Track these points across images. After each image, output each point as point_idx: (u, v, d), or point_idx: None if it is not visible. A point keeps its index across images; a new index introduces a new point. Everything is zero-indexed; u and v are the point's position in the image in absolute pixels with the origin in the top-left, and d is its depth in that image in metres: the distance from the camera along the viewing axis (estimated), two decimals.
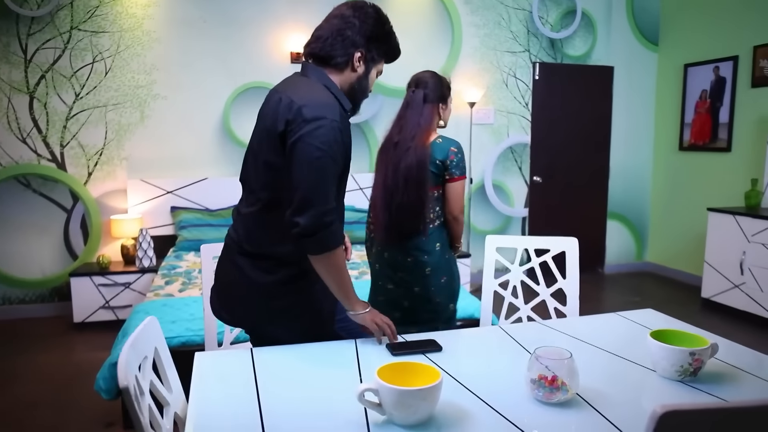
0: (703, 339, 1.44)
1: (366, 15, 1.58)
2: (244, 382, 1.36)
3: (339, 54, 1.56)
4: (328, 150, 1.45)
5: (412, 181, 2.24)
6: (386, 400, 1.14)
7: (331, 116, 1.47)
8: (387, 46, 1.63)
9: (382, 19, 1.61)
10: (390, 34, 1.63)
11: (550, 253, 2.29)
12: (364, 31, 1.57)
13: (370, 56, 1.60)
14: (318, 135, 1.44)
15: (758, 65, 4.53)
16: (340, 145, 1.49)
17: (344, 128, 1.53)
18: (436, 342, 1.60)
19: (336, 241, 1.49)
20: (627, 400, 1.30)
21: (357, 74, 1.60)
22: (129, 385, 0.91)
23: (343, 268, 1.53)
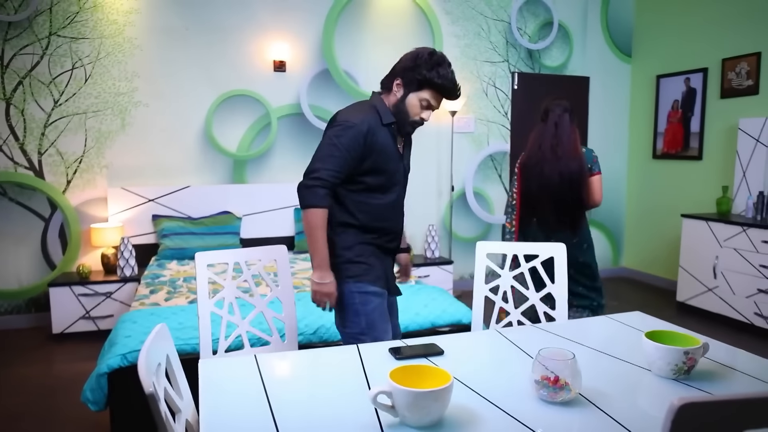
0: (694, 339, 1.50)
1: (411, 55, 1.97)
2: (253, 387, 1.37)
3: (386, 81, 2.02)
4: (340, 143, 1.88)
5: (576, 182, 3.07)
6: (399, 402, 1.16)
7: (354, 121, 1.91)
8: (420, 77, 1.92)
9: (423, 59, 1.93)
10: (418, 67, 1.93)
11: (538, 258, 2.34)
12: (402, 65, 1.97)
13: (407, 83, 1.94)
14: (337, 132, 1.90)
15: (726, 77, 4.72)
16: (360, 145, 1.90)
17: (370, 133, 1.92)
18: (438, 346, 1.63)
19: (312, 202, 1.87)
20: (627, 399, 1.35)
21: (396, 98, 1.97)
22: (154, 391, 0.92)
23: (314, 228, 1.89)
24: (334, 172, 1.88)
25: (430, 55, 1.93)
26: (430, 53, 1.94)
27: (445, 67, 1.94)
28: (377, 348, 1.65)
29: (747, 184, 4.45)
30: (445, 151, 5.15)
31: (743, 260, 4.11)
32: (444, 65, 1.94)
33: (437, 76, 1.91)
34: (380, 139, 1.94)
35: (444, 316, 2.98)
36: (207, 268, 2.08)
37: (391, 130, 1.99)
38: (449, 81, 1.93)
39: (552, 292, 2.29)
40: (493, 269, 2.37)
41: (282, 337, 2.49)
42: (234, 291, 2.15)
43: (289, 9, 4.62)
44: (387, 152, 1.97)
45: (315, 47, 4.71)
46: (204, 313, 2.06)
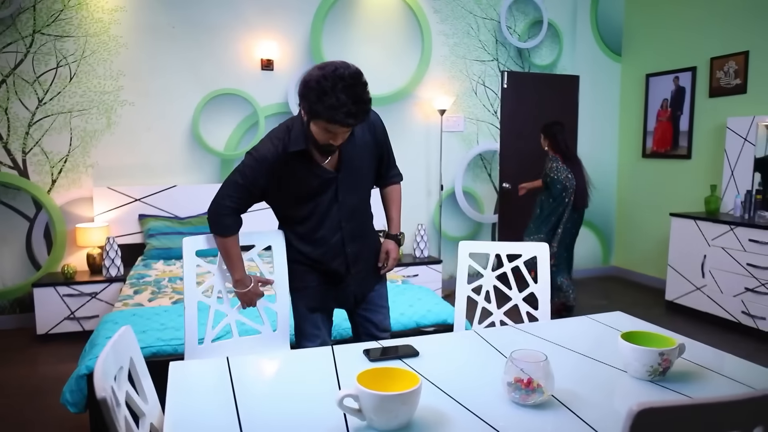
0: (671, 339, 1.49)
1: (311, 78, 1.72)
2: (222, 391, 1.35)
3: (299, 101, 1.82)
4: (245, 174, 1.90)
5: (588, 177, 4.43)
6: (366, 405, 1.15)
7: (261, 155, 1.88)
8: (313, 105, 1.70)
9: (305, 83, 1.73)
10: (304, 97, 1.73)
11: (521, 258, 2.33)
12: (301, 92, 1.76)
13: (308, 112, 1.75)
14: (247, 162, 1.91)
15: (715, 76, 4.72)
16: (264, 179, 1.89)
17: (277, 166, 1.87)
18: (413, 347, 1.62)
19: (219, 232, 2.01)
20: (600, 401, 1.34)
21: (305, 120, 1.81)
22: (106, 396, 0.90)
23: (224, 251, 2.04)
24: (237, 200, 1.94)
25: (318, 82, 1.67)
26: (318, 79, 1.68)
27: (336, 94, 1.66)
28: (352, 349, 1.63)
29: (735, 183, 4.45)
30: (434, 150, 5.14)
31: (731, 259, 4.11)
32: (335, 92, 1.65)
33: (323, 108, 1.67)
34: (290, 167, 1.87)
35: (429, 316, 2.96)
36: (195, 255, 2.06)
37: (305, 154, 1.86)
38: (339, 112, 1.66)
39: (535, 292, 2.28)
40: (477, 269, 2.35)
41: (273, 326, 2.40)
42: (224, 278, 2.12)
43: (277, 7, 4.59)
44: (301, 179, 1.89)
45: (303, 46, 4.69)
46: (191, 302, 2.02)
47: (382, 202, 2.23)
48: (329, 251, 2.02)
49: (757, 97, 4.42)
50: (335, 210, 1.97)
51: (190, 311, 2.03)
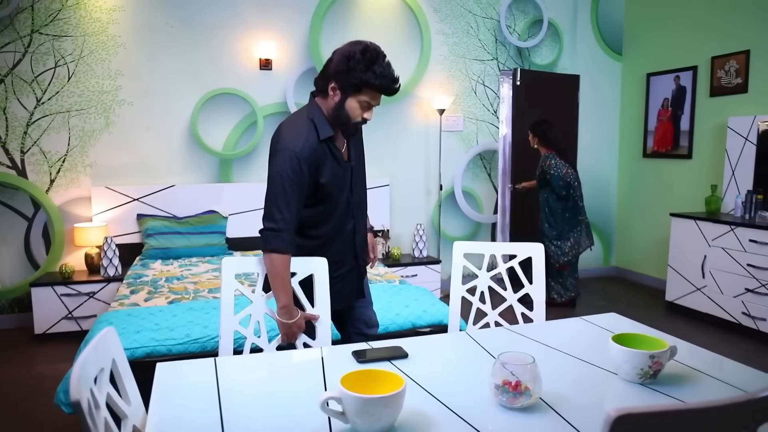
0: (662, 342, 1.47)
1: (339, 52, 1.82)
2: (207, 392, 1.34)
3: (320, 84, 1.87)
4: (288, 178, 1.80)
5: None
6: (349, 408, 1.14)
7: (294, 149, 1.80)
8: (356, 80, 1.78)
9: (349, 57, 1.78)
10: (352, 70, 1.78)
11: (516, 258, 2.31)
12: (335, 67, 1.81)
13: (343, 87, 1.81)
14: (281, 166, 1.81)
15: (716, 75, 4.69)
16: (305, 173, 1.82)
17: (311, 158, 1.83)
18: (402, 349, 1.60)
19: (277, 247, 1.81)
20: (589, 404, 1.32)
21: (334, 102, 1.84)
22: (81, 398, 0.89)
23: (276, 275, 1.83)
24: (292, 214, 1.82)
25: (363, 54, 1.77)
26: (362, 51, 1.78)
27: (381, 63, 1.79)
28: (340, 351, 1.62)
29: (736, 183, 4.42)
30: (433, 150, 5.12)
31: (731, 259, 4.08)
32: (379, 61, 1.78)
33: (374, 76, 1.77)
34: (321, 157, 1.87)
35: (424, 316, 2.95)
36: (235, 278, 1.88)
37: (330, 142, 1.90)
38: (387, 79, 1.79)
39: (530, 293, 2.26)
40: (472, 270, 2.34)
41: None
42: (263, 308, 1.92)
43: (275, 7, 4.58)
44: (332, 168, 1.90)
45: (301, 45, 4.68)
46: (226, 331, 1.84)
47: None
48: (343, 240, 2.04)
49: (758, 97, 4.39)
50: (350, 200, 2.02)
51: (225, 342, 1.85)
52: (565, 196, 4.50)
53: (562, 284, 4.66)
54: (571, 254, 4.58)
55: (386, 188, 4.93)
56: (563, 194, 4.49)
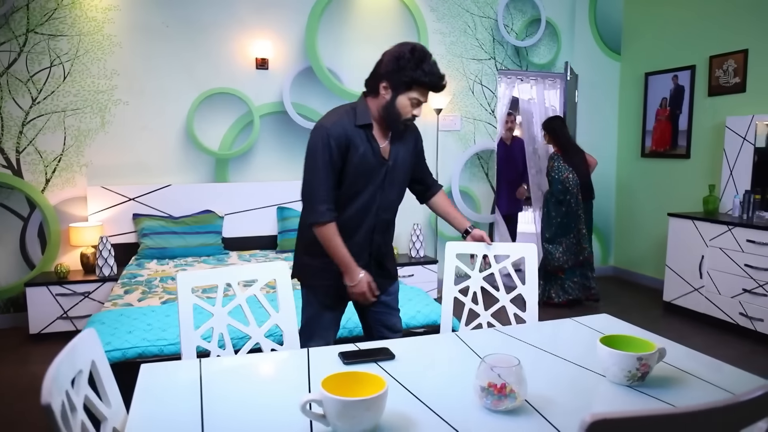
0: (650, 344, 1.46)
1: (389, 53, 1.93)
2: (189, 394, 1.33)
3: (371, 84, 1.98)
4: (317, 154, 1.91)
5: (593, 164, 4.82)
6: (330, 411, 1.12)
7: (325, 125, 1.92)
8: (407, 78, 1.89)
9: (406, 57, 1.89)
10: (412, 68, 1.88)
11: (509, 259, 2.30)
12: (385, 67, 1.93)
13: (395, 86, 1.91)
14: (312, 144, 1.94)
15: (714, 74, 4.67)
16: (333, 147, 1.90)
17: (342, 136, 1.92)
18: (389, 350, 1.59)
19: (314, 220, 1.93)
20: (575, 406, 1.31)
21: (385, 100, 1.94)
22: (52, 401, 0.88)
23: (327, 240, 1.94)
24: (324, 187, 1.92)
25: (412, 53, 1.89)
26: (411, 51, 1.89)
27: (429, 62, 1.90)
28: (327, 352, 1.61)
29: (734, 183, 4.40)
30: (430, 150, 5.10)
31: (729, 260, 4.06)
32: (427, 60, 1.90)
33: (423, 74, 1.88)
34: (355, 141, 1.94)
35: (418, 317, 2.94)
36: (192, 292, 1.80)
37: (367, 132, 1.97)
38: (436, 77, 1.91)
39: (522, 293, 2.25)
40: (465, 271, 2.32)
41: None
42: (225, 319, 1.85)
43: (272, 6, 4.57)
44: (362, 155, 1.95)
45: (298, 45, 4.66)
46: (188, 348, 1.75)
47: (438, 209, 2.32)
48: (361, 236, 2.06)
49: (756, 96, 4.37)
50: (378, 197, 2.04)
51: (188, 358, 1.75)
52: (561, 201, 4.51)
53: (560, 286, 4.67)
54: (562, 260, 4.61)
55: None
56: (560, 198, 4.52)
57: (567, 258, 4.60)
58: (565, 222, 4.58)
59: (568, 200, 4.53)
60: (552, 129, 4.62)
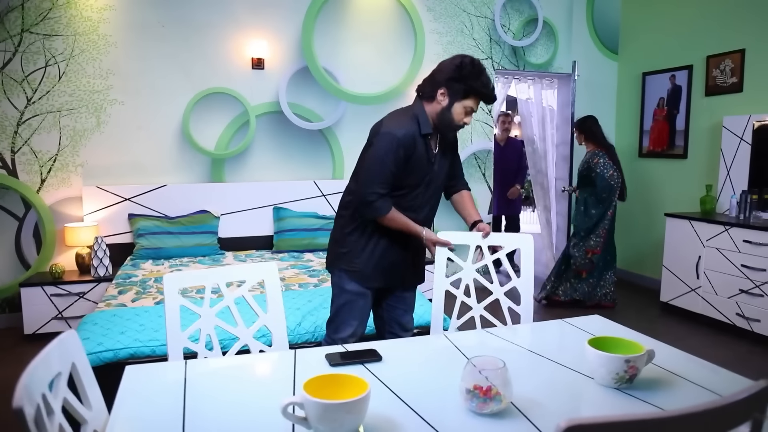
0: (639, 346, 1.45)
1: (453, 64, 2.07)
2: (173, 396, 1.32)
3: (428, 90, 2.11)
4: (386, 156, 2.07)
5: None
6: (311, 414, 1.11)
7: (396, 134, 2.06)
8: (468, 87, 2.05)
9: (466, 67, 2.05)
10: (470, 77, 2.04)
11: (504, 250, 2.25)
12: (445, 75, 2.07)
13: (452, 93, 2.06)
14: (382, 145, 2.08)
15: (711, 74, 4.65)
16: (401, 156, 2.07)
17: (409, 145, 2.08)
18: (377, 352, 1.58)
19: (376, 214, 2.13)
20: (561, 409, 1.30)
21: (441, 106, 2.09)
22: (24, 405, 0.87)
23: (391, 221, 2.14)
24: (388, 185, 2.10)
25: (473, 65, 2.05)
26: (471, 62, 2.06)
27: (486, 75, 2.08)
28: (314, 354, 1.60)
29: (731, 183, 4.39)
30: None
31: (725, 260, 4.05)
32: (485, 73, 2.08)
33: (482, 85, 2.05)
34: (418, 149, 2.11)
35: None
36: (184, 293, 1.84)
37: (426, 139, 2.14)
38: (491, 89, 2.08)
39: (517, 286, 2.21)
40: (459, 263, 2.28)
41: None
42: (212, 320, 1.83)
43: (268, 6, 4.56)
44: (419, 160, 2.12)
45: (294, 45, 4.65)
46: (175, 349, 1.73)
47: (456, 204, 2.47)
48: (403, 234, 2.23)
49: (753, 96, 4.36)
50: (419, 197, 2.22)
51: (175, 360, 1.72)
52: (604, 199, 4.46)
53: (572, 285, 4.63)
54: (587, 260, 4.56)
55: None
56: (603, 196, 4.46)
57: (594, 260, 4.55)
58: (598, 223, 4.51)
59: (610, 199, 4.48)
60: (588, 129, 4.57)
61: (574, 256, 4.62)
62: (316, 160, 4.80)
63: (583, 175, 4.58)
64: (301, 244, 4.44)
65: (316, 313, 2.90)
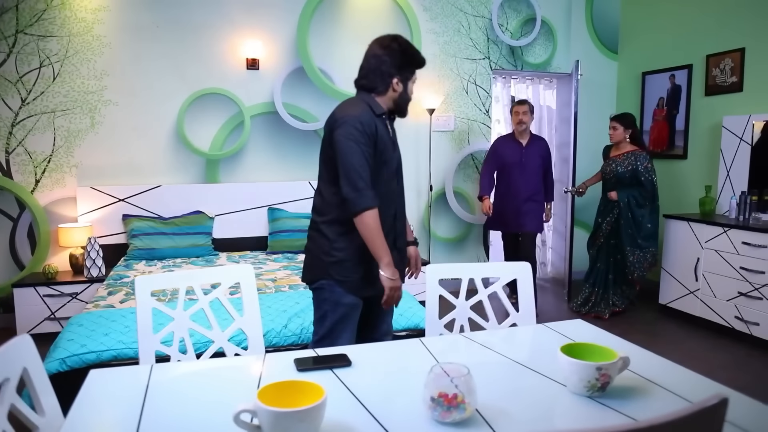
0: (612, 353, 1.41)
1: (392, 51, 2.06)
2: (132, 401, 1.30)
3: (380, 85, 2.07)
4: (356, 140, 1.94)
5: None
6: (263, 422, 1.09)
7: (354, 114, 1.97)
8: (414, 64, 2.11)
9: (405, 48, 2.08)
10: (413, 55, 2.09)
11: (500, 281, 2.08)
12: (392, 63, 2.05)
13: (404, 77, 2.08)
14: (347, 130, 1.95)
15: (711, 73, 4.58)
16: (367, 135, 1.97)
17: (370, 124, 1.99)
18: (347, 357, 1.55)
19: (366, 204, 1.92)
20: (528, 418, 1.26)
21: (398, 93, 2.09)
22: None
23: (374, 229, 1.94)
24: (367, 173, 1.95)
25: (406, 43, 2.09)
26: (401, 40, 2.09)
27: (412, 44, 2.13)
28: (283, 358, 1.57)
29: (731, 184, 4.32)
30: (423, 150, 5.06)
31: (724, 262, 3.98)
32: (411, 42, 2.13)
33: (420, 55, 2.11)
34: (379, 128, 2.04)
35: (400, 320, 2.90)
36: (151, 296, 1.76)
37: (383, 120, 2.08)
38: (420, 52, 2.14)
39: (517, 323, 2.03)
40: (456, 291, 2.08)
41: None
42: (186, 323, 1.81)
43: (262, 6, 4.54)
44: (383, 139, 2.05)
45: (289, 45, 4.63)
46: (146, 353, 1.71)
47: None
48: (387, 224, 2.08)
49: (753, 95, 4.29)
50: (395, 185, 2.15)
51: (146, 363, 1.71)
52: (651, 203, 4.33)
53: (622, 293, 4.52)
54: (646, 268, 4.39)
55: None
56: (656, 203, 4.35)
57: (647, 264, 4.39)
58: (651, 227, 4.34)
59: (658, 205, 4.38)
60: (634, 125, 4.38)
61: (632, 265, 4.36)
62: (311, 161, 4.77)
63: (625, 178, 4.34)
64: (296, 245, 4.42)
65: (303, 315, 2.88)
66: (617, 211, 4.39)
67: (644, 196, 4.31)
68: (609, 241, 4.48)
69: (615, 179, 4.42)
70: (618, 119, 4.41)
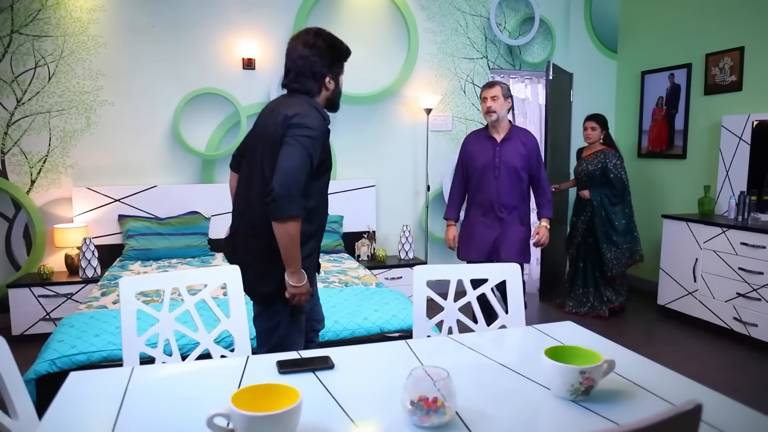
0: (597, 356, 1.38)
1: (320, 49, 1.99)
2: (109, 405, 1.28)
3: (314, 87, 2.03)
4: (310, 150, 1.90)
5: None
6: (237, 426, 1.07)
7: (315, 125, 1.91)
8: (342, 58, 2.07)
9: (330, 43, 2.02)
10: (340, 49, 2.05)
11: (488, 283, 2.05)
12: (325, 62, 2.01)
13: (335, 74, 2.06)
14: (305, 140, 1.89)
15: (710, 73, 4.55)
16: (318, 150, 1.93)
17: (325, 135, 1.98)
18: (329, 359, 1.53)
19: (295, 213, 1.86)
20: (509, 422, 1.24)
21: (330, 90, 2.07)
22: None
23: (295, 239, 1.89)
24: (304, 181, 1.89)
25: (329, 36, 2.04)
26: (324, 35, 2.03)
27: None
28: (265, 360, 1.55)
29: (730, 184, 4.29)
30: (420, 150, 5.04)
31: (723, 263, 3.95)
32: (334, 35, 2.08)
33: (343, 45, 2.07)
34: (327, 138, 2.02)
35: (393, 321, 2.88)
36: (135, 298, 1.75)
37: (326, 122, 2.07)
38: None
39: (506, 324, 2.01)
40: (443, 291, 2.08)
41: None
42: (171, 325, 1.79)
43: (259, 5, 4.53)
44: (328, 146, 2.03)
45: (285, 45, 4.59)
46: (130, 355, 1.70)
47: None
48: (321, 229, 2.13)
49: (752, 95, 4.26)
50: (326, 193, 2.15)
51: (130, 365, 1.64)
52: (622, 200, 4.37)
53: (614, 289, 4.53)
54: (625, 264, 4.43)
55: (372, 189, 4.86)
56: (628, 198, 4.41)
57: (628, 263, 4.45)
58: (626, 223, 4.40)
59: (629, 200, 4.43)
60: (607, 125, 4.45)
61: (610, 262, 4.40)
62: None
63: (595, 177, 4.39)
64: None
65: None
66: (591, 209, 4.43)
67: (615, 194, 4.35)
68: (587, 240, 4.51)
69: (586, 178, 4.47)
70: (595, 119, 4.45)
